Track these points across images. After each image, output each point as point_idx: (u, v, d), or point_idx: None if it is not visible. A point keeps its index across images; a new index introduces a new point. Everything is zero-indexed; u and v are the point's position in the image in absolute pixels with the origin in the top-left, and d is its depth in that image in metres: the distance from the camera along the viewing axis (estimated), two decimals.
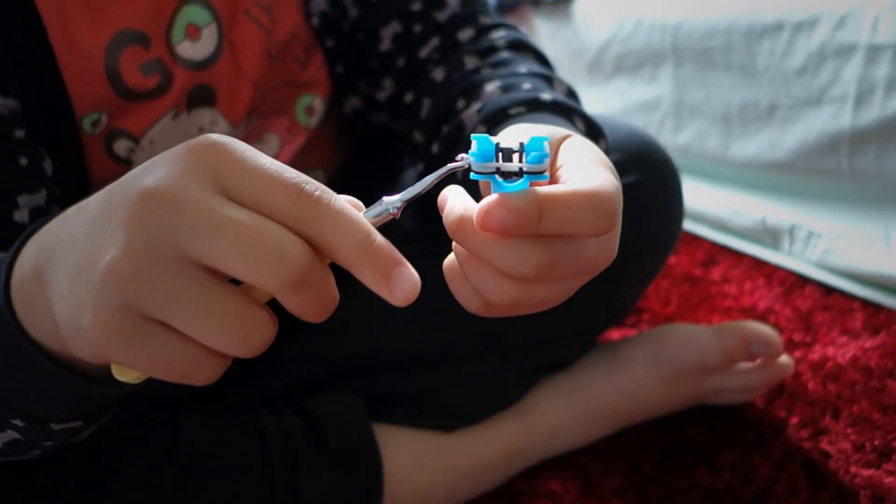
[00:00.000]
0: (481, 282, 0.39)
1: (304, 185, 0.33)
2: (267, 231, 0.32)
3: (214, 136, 0.33)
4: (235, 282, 0.34)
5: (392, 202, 0.36)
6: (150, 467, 0.62)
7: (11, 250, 0.40)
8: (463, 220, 0.37)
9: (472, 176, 0.36)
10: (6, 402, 0.44)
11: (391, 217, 0.36)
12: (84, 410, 0.46)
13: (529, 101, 0.57)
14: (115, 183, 0.34)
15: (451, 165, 0.37)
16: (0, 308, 0.39)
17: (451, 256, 0.41)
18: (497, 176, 0.36)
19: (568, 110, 0.57)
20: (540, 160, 0.35)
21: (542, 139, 0.36)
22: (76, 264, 0.33)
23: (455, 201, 0.38)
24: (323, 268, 0.33)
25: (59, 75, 0.57)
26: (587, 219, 0.36)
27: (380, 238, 0.34)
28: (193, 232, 0.31)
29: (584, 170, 0.39)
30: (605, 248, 0.39)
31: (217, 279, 0.32)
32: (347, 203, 0.35)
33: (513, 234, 0.36)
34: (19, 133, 0.56)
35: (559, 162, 0.41)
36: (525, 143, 0.36)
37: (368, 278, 0.34)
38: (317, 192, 0.33)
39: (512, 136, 0.43)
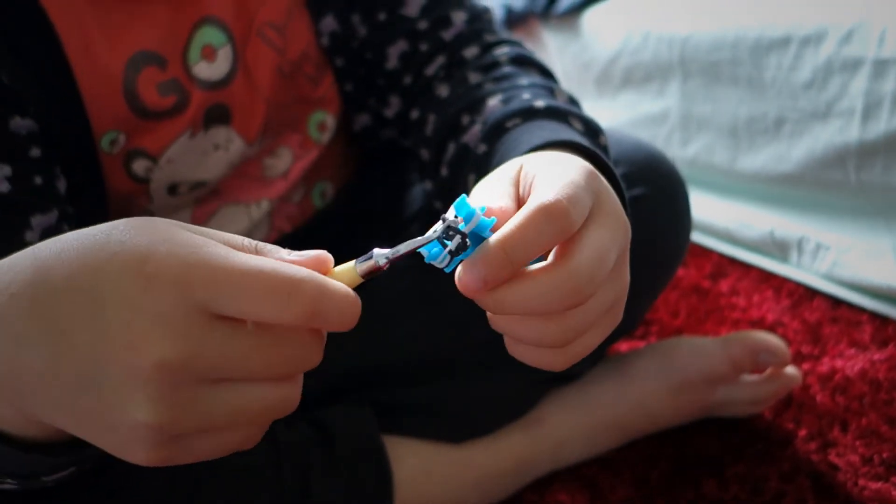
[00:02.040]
0: (531, 333, 0.40)
1: (290, 282, 0.33)
2: (285, 344, 0.34)
3: (156, 260, 0.32)
4: None
5: (381, 255, 0.38)
6: (163, 476, 0.63)
7: None
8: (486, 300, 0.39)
9: (446, 270, 0.39)
10: None
11: (379, 269, 0.38)
12: (71, 465, 0.46)
13: (524, 111, 0.58)
14: (42, 302, 0.33)
15: (429, 234, 0.38)
16: None
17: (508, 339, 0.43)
18: (449, 256, 0.38)
19: (563, 113, 0.57)
20: (469, 219, 0.37)
21: (461, 201, 0.38)
22: (72, 410, 0.34)
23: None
24: (333, 290, 0.34)
25: (79, 95, 0.59)
26: (547, 232, 0.37)
27: (355, 295, 0.35)
28: (216, 371, 0.33)
29: (540, 187, 0.40)
30: (621, 240, 0.41)
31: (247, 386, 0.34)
32: (316, 260, 0.36)
33: (495, 283, 0.37)
34: (35, 152, 0.57)
35: (524, 188, 0.42)
36: (451, 214, 0.38)
37: (345, 328, 0.35)
38: (306, 285, 0.33)
39: (480, 192, 0.44)
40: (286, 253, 0.36)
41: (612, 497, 0.74)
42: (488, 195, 0.42)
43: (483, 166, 0.57)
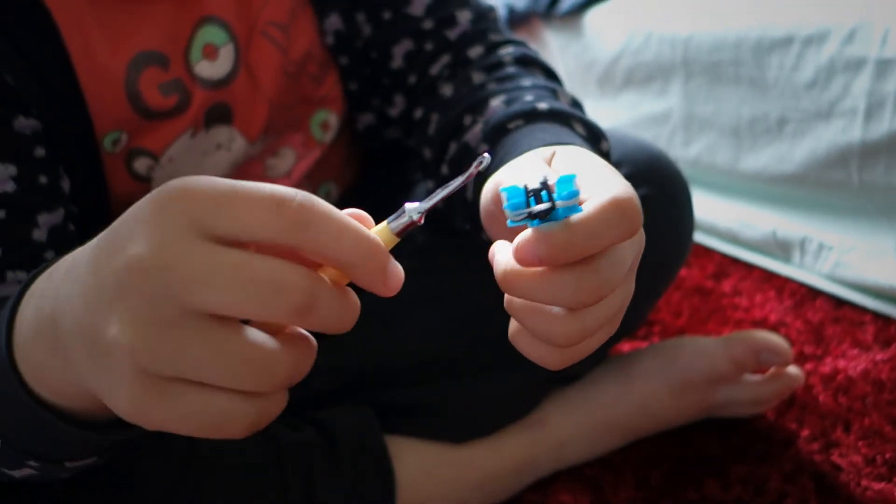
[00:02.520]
0: (543, 325, 0.39)
1: (282, 195, 0.32)
2: (259, 266, 0.31)
3: (176, 183, 0.32)
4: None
5: (414, 209, 0.36)
6: (166, 478, 0.63)
7: (7, 310, 0.39)
8: (506, 273, 0.38)
9: (509, 223, 0.37)
10: (18, 448, 0.44)
11: (414, 224, 0.36)
12: (97, 451, 0.46)
13: (526, 113, 0.57)
14: (98, 246, 0.34)
15: (468, 173, 0.37)
16: (4, 369, 0.39)
17: (513, 323, 0.42)
18: (531, 219, 0.36)
19: (566, 117, 0.57)
20: (570, 197, 0.35)
21: (571, 177, 0.36)
22: (85, 340, 0.33)
23: (501, 256, 0.38)
24: (329, 286, 0.33)
25: (81, 96, 0.59)
26: (618, 227, 0.36)
27: (372, 234, 0.34)
28: (188, 286, 0.31)
29: (592, 179, 0.39)
30: (638, 243, 0.40)
31: (225, 323, 0.32)
32: (351, 215, 0.35)
33: (550, 263, 0.36)
34: (40, 152, 0.57)
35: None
36: (555, 183, 0.36)
37: (365, 275, 0.34)
38: (297, 198, 0.32)
39: (508, 172, 0.43)
40: None
41: (614, 497, 0.74)
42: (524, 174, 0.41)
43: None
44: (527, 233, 0.36)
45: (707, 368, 0.78)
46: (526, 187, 0.36)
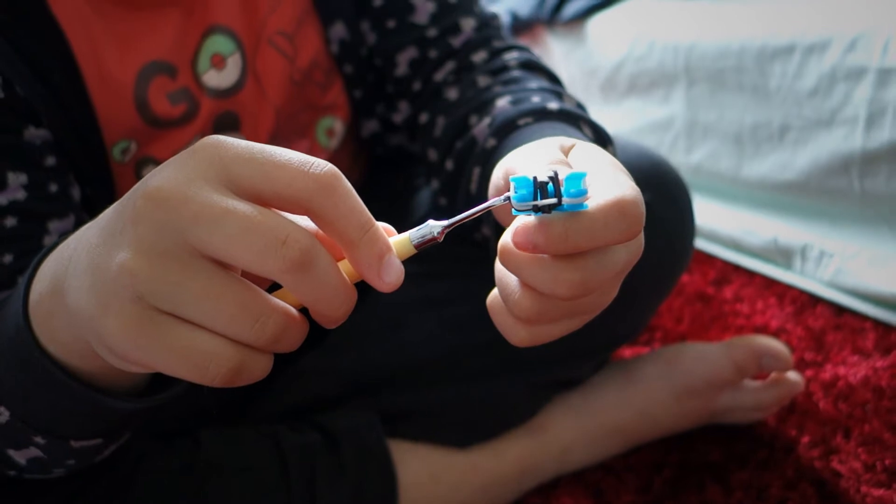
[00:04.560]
0: (510, 294, 0.40)
1: (312, 158, 0.34)
2: (268, 217, 0.32)
3: (213, 135, 0.34)
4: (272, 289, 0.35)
5: (436, 226, 0.37)
6: (171, 479, 0.63)
7: (29, 269, 0.41)
8: (503, 246, 0.38)
9: (514, 212, 0.37)
10: (26, 419, 0.45)
11: (434, 240, 0.37)
12: (103, 427, 0.47)
13: (537, 111, 0.58)
14: (127, 193, 0.35)
15: (494, 200, 0.38)
16: (19, 325, 0.40)
17: (494, 291, 0.42)
18: (535, 211, 0.37)
19: (575, 118, 0.57)
20: (577, 195, 0.36)
21: (581, 175, 0.36)
22: (92, 266, 0.34)
23: (507, 233, 0.39)
24: (327, 254, 0.34)
25: (91, 106, 0.60)
26: (616, 229, 0.36)
27: (378, 224, 0.35)
28: (197, 224, 0.32)
29: (603, 177, 0.39)
30: (633, 250, 0.40)
31: (225, 270, 0.33)
32: (382, 226, 0.36)
33: (544, 252, 0.37)
34: (50, 161, 0.58)
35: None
36: (564, 179, 0.36)
37: (363, 258, 0.35)
38: (327, 164, 0.34)
39: (522, 156, 0.44)
40: None
41: (616, 502, 0.75)
42: (539, 160, 0.42)
43: (490, 160, 0.57)
44: (528, 219, 0.37)
45: (708, 374, 0.79)
46: (535, 179, 0.36)
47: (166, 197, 0.32)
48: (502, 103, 0.62)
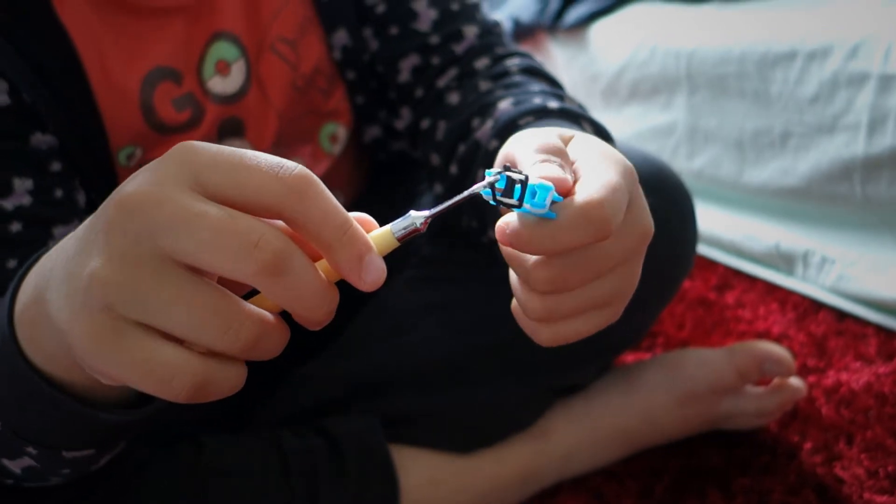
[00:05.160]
0: (516, 287, 0.43)
1: (282, 161, 0.33)
2: (239, 220, 0.32)
3: (185, 141, 0.33)
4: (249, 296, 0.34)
5: (419, 217, 0.37)
6: (173, 484, 0.63)
7: (15, 279, 0.40)
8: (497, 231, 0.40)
9: (492, 202, 0.38)
10: (17, 430, 0.44)
11: (417, 231, 0.37)
12: (93, 438, 0.46)
13: (537, 111, 0.58)
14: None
15: (475, 188, 0.38)
16: (4, 336, 0.39)
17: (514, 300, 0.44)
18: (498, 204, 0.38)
19: (576, 116, 0.58)
20: (537, 207, 0.37)
21: (548, 189, 0.37)
22: (66, 276, 0.34)
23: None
24: (303, 256, 0.33)
25: (96, 111, 0.60)
26: (583, 233, 0.37)
27: (356, 224, 0.35)
28: (168, 229, 0.31)
29: (595, 168, 0.40)
30: (624, 237, 0.41)
31: (199, 277, 0.32)
32: (357, 219, 0.36)
33: (518, 249, 0.39)
34: (56, 166, 0.58)
35: (571, 159, 0.42)
36: (536, 185, 0.37)
37: (343, 260, 0.34)
38: (297, 167, 0.33)
39: (521, 142, 0.44)
40: None
41: None
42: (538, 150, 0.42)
43: (493, 162, 0.57)
44: (506, 218, 0.39)
45: (710, 379, 0.79)
46: (508, 176, 0.37)
47: (137, 203, 0.32)
48: (504, 105, 0.62)
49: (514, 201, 0.37)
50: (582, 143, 0.43)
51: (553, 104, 0.59)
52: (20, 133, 0.56)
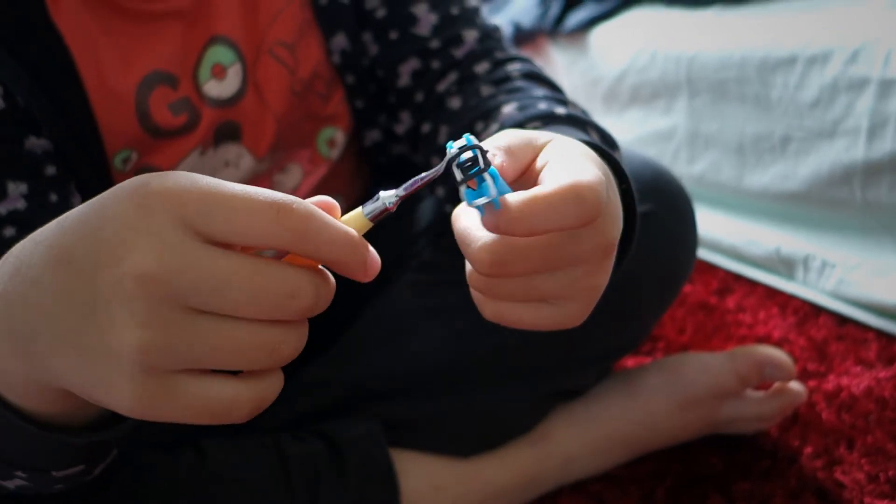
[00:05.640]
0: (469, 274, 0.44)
1: (279, 202, 0.33)
2: (270, 274, 0.32)
3: (158, 182, 0.32)
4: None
5: (388, 196, 0.37)
6: (174, 489, 0.63)
7: None
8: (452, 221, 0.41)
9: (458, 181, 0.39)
10: (2, 457, 0.44)
11: (387, 211, 0.38)
12: (78, 457, 0.46)
13: (544, 116, 0.59)
14: (67, 250, 0.33)
15: (442, 163, 0.39)
16: None
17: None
18: (464, 187, 0.39)
19: (582, 122, 0.58)
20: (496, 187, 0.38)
21: (467, 137, 0.38)
22: (78, 347, 0.33)
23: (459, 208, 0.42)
24: (327, 284, 0.35)
25: (92, 115, 0.60)
26: (572, 213, 0.37)
27: (353, 234, 0.35)
28: (199, 293, 0.32)
29: (564, 165, 0.40)
30: (581, 240, 0.41)
31: (230, 317, 0.33)
32: (320, 203, 0.36)
33: (506, 233, 0.39)
34: (51, 170, 0.58)
35: (539, 163, 0.42)
36: (460, 145, 0.38)
37: (350, 270, 0.35)
38: (295, 206, 0.33)
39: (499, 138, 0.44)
40: None
41: None
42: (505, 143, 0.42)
43: None
44: (487, 213, 0.39)
45: (711, 384, 0.79)
46: (456, 171, 0.38)
47: (156, 276, 0.31)
48: (509, 110, 0.62)
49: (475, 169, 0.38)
50: (556, 147, 0.44)
51: (560, 110, 0.59)
52: (15, 137, 0.56)
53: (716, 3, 1.16)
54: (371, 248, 0.36)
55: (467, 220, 0.42)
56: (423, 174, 0.38)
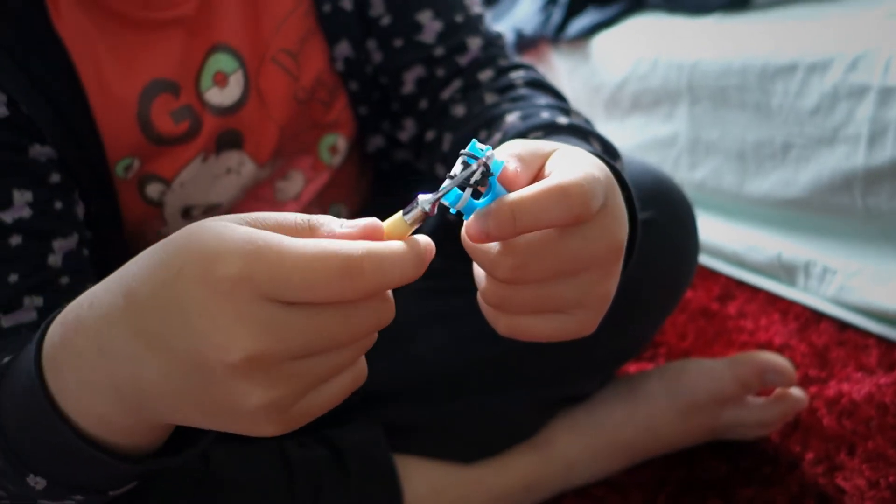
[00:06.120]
0: (479, 281, 0.45)
1: (350, 264, 0.35)
2: (356, 321, 0.36)
3: (229, 265, 0.34)
4: None
5: (426, 200, 0.39)
6: (179, 494, 0.63)
7: (31, 367, 0.41)
8: (462, 234, 0.42)
9: (452, 211, 0.40)
10: (62, 483, 0.46)
11: (426, 214, 0.39)
12: (140, 477, 0.48)
13: (547, 126, 0.59)
14: (136, 323, 0.36)
15: (476, 164, 0.40)
16: (49, 420, 0.41)
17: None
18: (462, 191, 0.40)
19: (584, 132, 0.59)
20: (484, 153, 0.39)
21: (472, 143, 0.40)
22: (199, 409, 0.37)
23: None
24: (384, 311, 0.38)
25: (94, 123, 0.60)
26: (559, 210, 0.39)
27: (417, 251, 0.37)
28: (305, 349, 0.35)
29: (576, 163, 0.42)
30: (592, 241, 0.42)
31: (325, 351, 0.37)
32: (367, 227, 0.38)
33: (497, 239, 0.40)
34: (55, 178, 0.58)
35: (547, 171, 0.43)
36: (468, 150, 0.40)
37: (412, 277, 0.37)
38: (366, 264, 0.35)
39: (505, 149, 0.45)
40: (338, 225, 0.38)
41: None
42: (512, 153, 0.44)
43: None
44: (472, 215, 0.41)
45: (712, 390, 0.79)
46: (453, 177, 0.40)
47: (268, 354, 0.34)
48: (512, 119, 0.63)
49: (480, 173, 0.39)
50: (560, 156, 0.45)
51: (562, 120, 0.60)
52: (19, 145, 0.57)
53: (717, 10, 1.17)
54: (429, 245, 0.38)
55: None
56: (454, 178, 0.39)
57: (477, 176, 0.39)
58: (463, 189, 0.39)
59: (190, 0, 0.63)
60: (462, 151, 0.40)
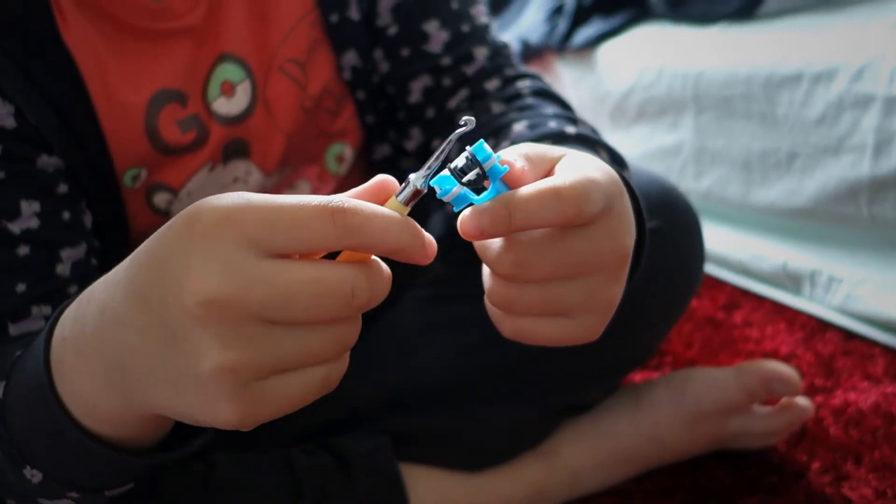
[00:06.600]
0: (486, 283, 0.45)
1: (331, 205, 0.34)
2: (329, 278, 0.34)
3: (213, 208, 0.34)
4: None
5: (416, 179, 0.38)
6: (184, 501, 0.64)
7: (39, 358, 0.42)
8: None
9: (438, 196, 0.40)
10: (58, 478, 0.46)
11: (419, 193, 0.39)
12: (135, 477, 0.48)
13: (554, 135, 0.59)
14: (139, 283, 0.36)
15: (458, 132, 0.40)
16: (50, 407, 0.42)
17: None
18: (467, 192, 0.40)
19: (592, 142, 0.59)
20: (488, 157, 0.40)
21: (480, 143, 0.40)
22: (168, 378, 0.35)
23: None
24: (381, 277, 0.36)
25: (101, 134, 0.61)
26: (549, 210, 0.40)
27: (403, 221, 0.37)
28: (269, 308, 0.34)
29: (580, 167, 0.42)
30: (596, 243, 0.42)
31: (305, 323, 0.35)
32: (378, 182, 0.38)
33: (491, 236, 0.40)
34: (62, 188, 0.59)
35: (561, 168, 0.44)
36: (471, 150, 0.40)
37: (410, 255, 0.37)
38: (346, 204, 0.35)
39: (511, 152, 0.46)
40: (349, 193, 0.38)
41: None
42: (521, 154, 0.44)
43: None
44: (466, 210, 0.41)
45: (718, 399, 0.79)
46: (453, 169, 0.40)
47: (225, 298, 0.33)
48: (519, 128, 0.63)
49: (473, 173, 0.40)
50: (568, 161, 0.45)
51: (570, 129, 0.60)
52: (27, 156, 0.57)
53: (722, 20, 1.17)
54: (429, 235, 0.38)
55: None
56: (439, 149, 0.39)
57: (471, 176, 0.39)
58: (458, 179, 0.40)
59: (197, 10, 0.64)
60: (468, 147, 0.40)
